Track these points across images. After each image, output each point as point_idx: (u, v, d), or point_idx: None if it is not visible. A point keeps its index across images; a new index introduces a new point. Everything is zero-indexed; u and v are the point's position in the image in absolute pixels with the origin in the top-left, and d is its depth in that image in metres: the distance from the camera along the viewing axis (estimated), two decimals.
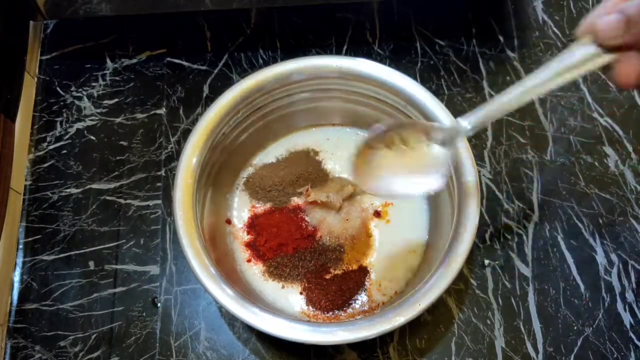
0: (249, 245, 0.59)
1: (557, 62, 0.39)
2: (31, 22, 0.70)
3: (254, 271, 0.58)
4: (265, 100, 0.58)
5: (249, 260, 0.59)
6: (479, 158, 0.65)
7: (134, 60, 0.70)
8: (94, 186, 0.65)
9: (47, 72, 0.70)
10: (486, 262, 0.60)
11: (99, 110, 0.68)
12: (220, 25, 0.72)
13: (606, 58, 0.37)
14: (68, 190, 0.64)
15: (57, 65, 0.70)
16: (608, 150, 0.65)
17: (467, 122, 0.43)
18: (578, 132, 0.66)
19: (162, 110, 0.68)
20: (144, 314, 0.59)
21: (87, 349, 0.58)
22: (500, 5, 0.73)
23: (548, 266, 0.60)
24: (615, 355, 0.57)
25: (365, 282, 0.58)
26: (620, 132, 0.66)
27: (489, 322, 0.58)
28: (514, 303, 0.59)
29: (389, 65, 0.56)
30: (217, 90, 0.68)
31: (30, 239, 0.63)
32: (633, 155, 0.65)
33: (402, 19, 0.72)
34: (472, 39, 0.71)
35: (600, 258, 0.60)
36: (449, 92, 0.68)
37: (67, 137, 0.67)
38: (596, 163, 0.64)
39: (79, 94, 0.69)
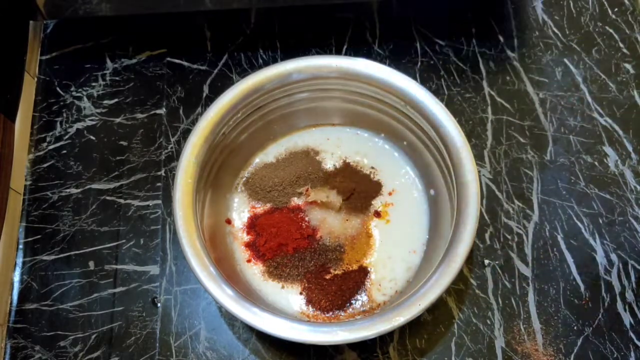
0: (248, 245, 0.59)
1: None
2: (31, 22, 0.70)
3: (254, 271, 0.58)
4: (265, 100, 0.58)
5: (248, 261, 0.59)
6: (479, 158, 0.65)
7: (134, 60, 0.70)
8: (94, 186, 0.65)
9: (47, 72, 0.70)
10: (486, 262, 0.60)
11: (98, 110, 0.68)
12: (220, 25, 0.72)
13: None
14: (68, 190, 0.64)
15: (57, 65, 0.70)
16: (608, 150, 0.65)
17: None
18: (578, 132, 0.66)
19: (162, 110, 0.68)
20: (144, 314, 0.59)
21: (87, 349, 0.58)
22: (500, 5, 0.73)
23: (548, 266, 0.60)
24: (615, 355, 0.57)
25: (365, 282, 0.58)
26: (620, 132, 0.66)
27: (489, 322, 0.58)
28: (514, 303, 0.59)
29: (389, 65, 0.56)
30: (217, 90, 0.68)
31: (30, 239, 0.63)
32: (633, 155, 0.65)
33: (402, 19, 0.72)
34: (472, 39, 0.71)
35: (600, 258, 0.60)
36: (449, 92, 0.68)
37: (67, 137, 0.67)
38: (596, 163, 0.64)
39: (78, 94, 0.69)
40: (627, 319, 0.58)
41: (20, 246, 0.62)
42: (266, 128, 0.62)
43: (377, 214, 0.60)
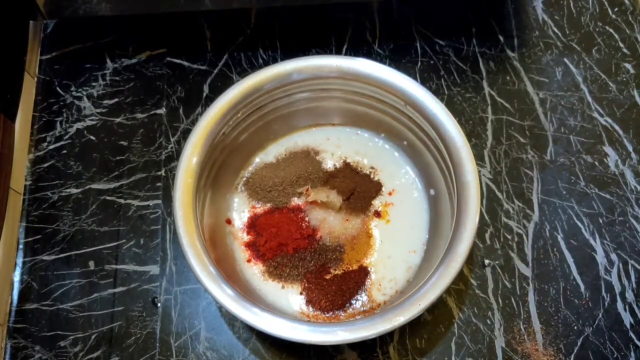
0: (249, 245, 0.59)
1: None
2: (31, 22, 0.70)
3: (254, 271, 0.58)
4: (265, 100, 0.58)
5: (248, 260, 0.59)
6: (479, 158, 0.65)
7: (134, 60, 0.70)
8: (94, 186, 0.65)
9: (47, 72, 0.70)
10: (486, 262, 0.60)
11: (98, 110, 0.68)
12: (220, 25, 0.72)
13: None
14: (68, 190, 0.64)
15: (57, 65, 0.70)
16: (608, 150, 0.65)
17: None
18: (578, 132, 0.66)
19: (162, 110, 0.68)
20: (144, 314, 0.59)
21: (87, 349, 0.58)
22: (500, 5, 0.73)
23: (548, 266, 0.60)
24: (615, 355, 0.57)
25: (366, 282, 0.58)
26: (620, 132, 0.66)
27: (489, 322, 0.58)
28: (514, 303, 0.59)
29: (389, 65, 0.56)
30: (217, 90, 0.68)
31: (30, 239, 0.63)
32: (633, 155, 0.65)
33: (402, 19, 0.72)
34: (472, 39, 0.71)
35: (600, 258, 0.60)
36: (449, 92, 0.68)
37: (67, 137, 0.67)
38: (596, 163, 0.64)
39: (78, 94, 0.69)
40: (627, 319, 0.58)
41: (20, 246, 0.62)
42: (266, 128, 0.62)
43: (377, 214, 0.60)
